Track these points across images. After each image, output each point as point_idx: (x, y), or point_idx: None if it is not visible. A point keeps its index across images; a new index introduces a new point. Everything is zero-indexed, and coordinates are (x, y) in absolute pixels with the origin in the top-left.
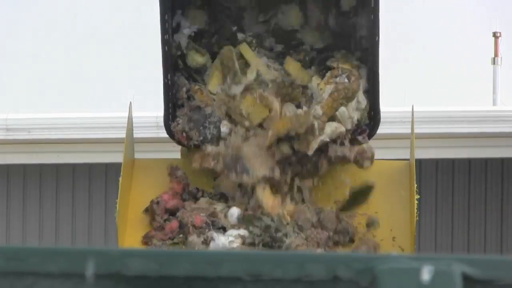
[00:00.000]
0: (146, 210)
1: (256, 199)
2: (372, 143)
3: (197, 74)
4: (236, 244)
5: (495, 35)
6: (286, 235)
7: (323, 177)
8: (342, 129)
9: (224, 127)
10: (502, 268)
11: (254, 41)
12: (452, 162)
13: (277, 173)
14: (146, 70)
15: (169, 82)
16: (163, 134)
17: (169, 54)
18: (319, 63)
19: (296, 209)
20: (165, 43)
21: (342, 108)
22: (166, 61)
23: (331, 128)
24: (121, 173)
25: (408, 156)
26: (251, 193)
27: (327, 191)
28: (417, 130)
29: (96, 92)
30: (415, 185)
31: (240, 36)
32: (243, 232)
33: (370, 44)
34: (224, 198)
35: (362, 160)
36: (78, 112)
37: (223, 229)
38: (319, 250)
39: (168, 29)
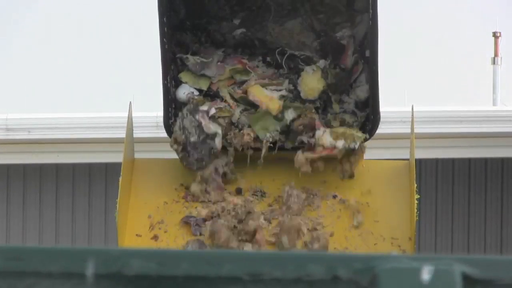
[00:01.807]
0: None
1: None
2: (372, 143)
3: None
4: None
5: (495, 35)
6: None
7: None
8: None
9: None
10: (502, 268)
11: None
12: (452, 162)
13: None
14: (146, 71)
15: (168, 83)
16: (163, 134)
17: (168, 56)
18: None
19: None
20: (164, 45)
21: None
22: (165, 62)
23: None
24: (121, 173)
25: (408, 156)
26: None
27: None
28: (417, 130)
29: (96, 92)
30: (415, 185)
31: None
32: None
33: (369, 45)
34: None
35: None
36: (78, 112)
37: None
38: None
39: (167, 31)
